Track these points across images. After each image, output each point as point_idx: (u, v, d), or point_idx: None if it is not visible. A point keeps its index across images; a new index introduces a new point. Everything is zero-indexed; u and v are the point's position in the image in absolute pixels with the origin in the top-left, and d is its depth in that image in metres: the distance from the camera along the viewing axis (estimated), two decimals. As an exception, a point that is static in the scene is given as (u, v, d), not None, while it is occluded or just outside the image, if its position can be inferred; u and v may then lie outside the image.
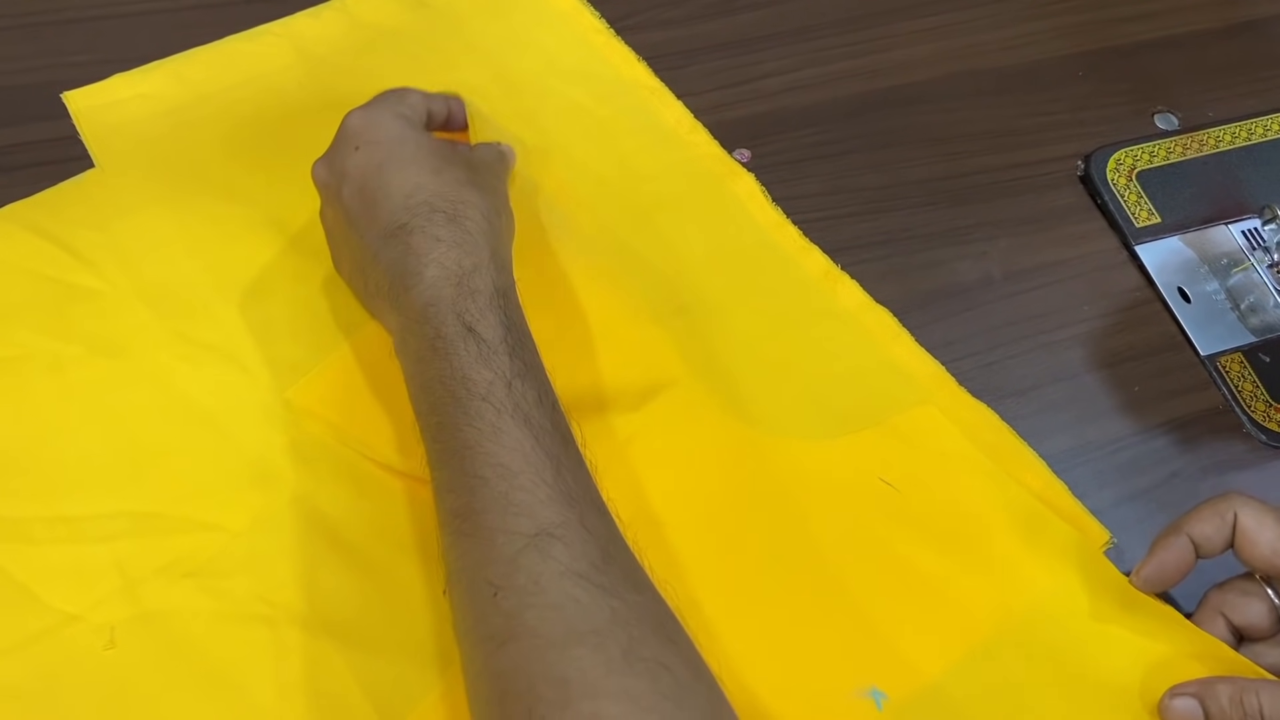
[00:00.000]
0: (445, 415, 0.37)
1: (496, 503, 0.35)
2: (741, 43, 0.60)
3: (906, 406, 0.48)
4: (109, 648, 0.38)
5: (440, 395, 0.37)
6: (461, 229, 0.40)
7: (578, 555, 0.34)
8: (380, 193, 0.41)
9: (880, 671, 0.41)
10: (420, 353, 0.39)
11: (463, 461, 0.36)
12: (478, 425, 0.36)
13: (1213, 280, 0.55)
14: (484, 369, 0.37)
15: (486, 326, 0.38)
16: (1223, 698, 0.38)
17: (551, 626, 0.32)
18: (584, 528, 0.35)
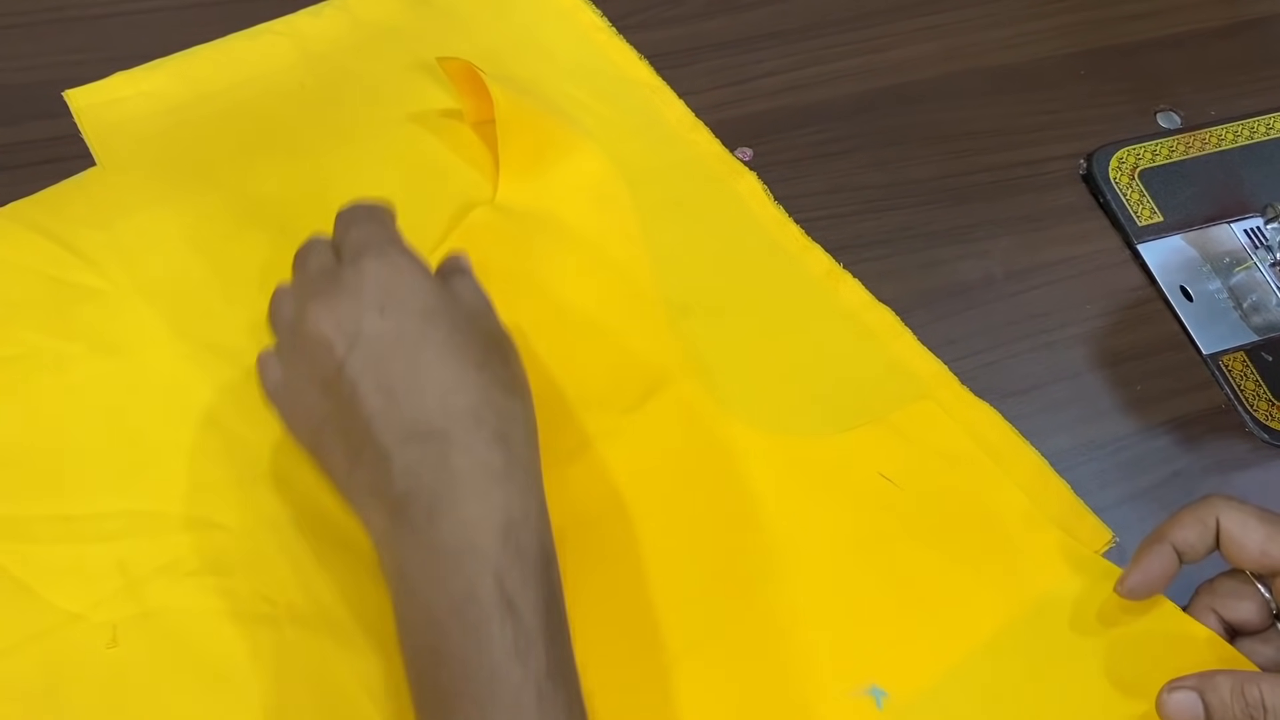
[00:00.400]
0: (454, 709, 0.31)
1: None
2: (743, 41, 0.59)
3: (907, 402, 0.48)
4: (111, 646, 0.38)
5: (456, 680, 0.31)
6: (510, 454, 0.34)
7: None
8: (409, 377, 0.34)
9: (881, 669, 0.41)
10: (437, 610, 0.32)
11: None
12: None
13: (1215, 279, 0.55)
14: (518, 665, 0.31)
15: (528, 603, 0.32)
16: (1223, 689, 0.37)
17: None
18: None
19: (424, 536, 0.33)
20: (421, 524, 0.33)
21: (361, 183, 0.51)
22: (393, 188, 0.50)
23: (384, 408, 0.34)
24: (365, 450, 0.35)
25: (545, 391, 0.45)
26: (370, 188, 0.50)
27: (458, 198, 0.51)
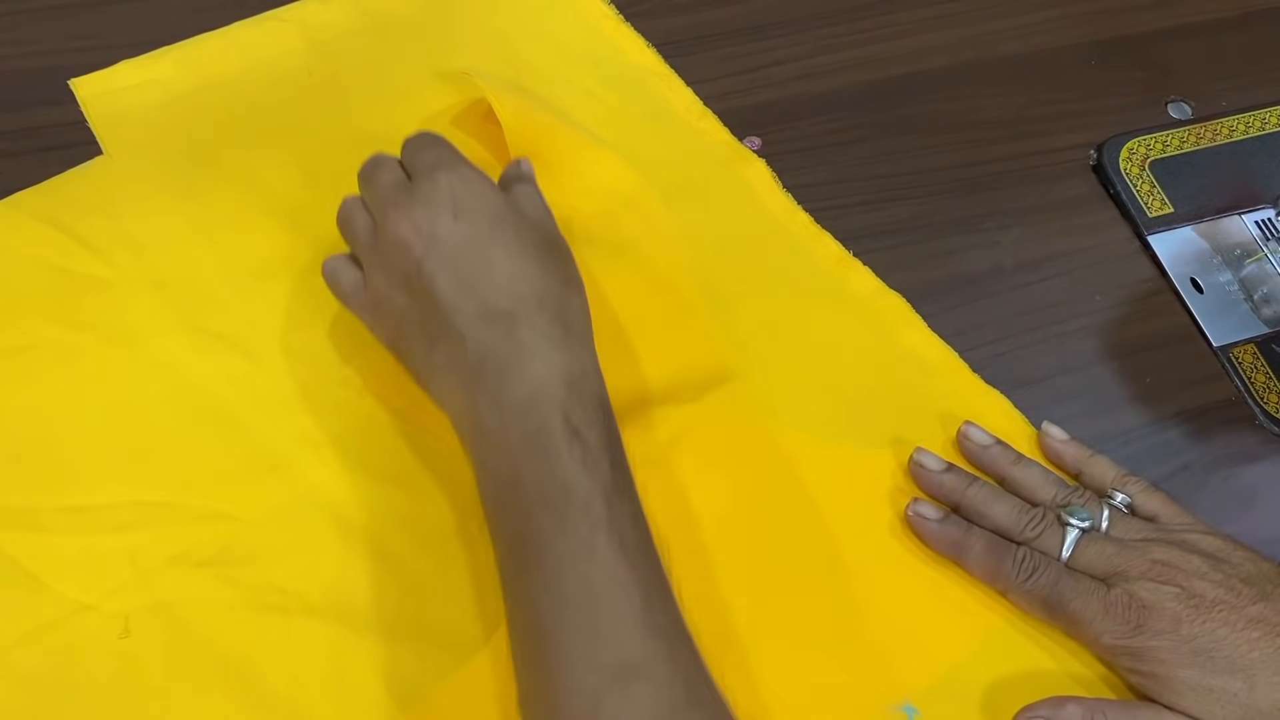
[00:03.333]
0: (535, 521, 0.35)
1: (581, 628, 0.34)
2: (752, 30, 0.59)
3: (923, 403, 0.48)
4: (123, 637, 0.38)
5: (533, 497, 0.36)
6: (569, 330, 0.39)
7: (663, 699, 0.33)
8: (481, 271, 0.39)
9: (914, 687, 0.41)
10: (511, 445, 0.37)
11: (547, 576, 0.35)
12: (570, 538, 0.35)
13: (1226, 271, 0.55)
14: (586, 477, 0.36)
15: (594, 432, 0.37)
16: (1074, 718, 0.39)
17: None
18: (671, 664, 0.34)
19: (498, 394, 0.38)
20: (494, 385, 0.38)
21: (369, 172, 0.50)
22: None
23: (459, 297, 0.39)
24: (443, 335, 0.40)
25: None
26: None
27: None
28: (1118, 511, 0.44)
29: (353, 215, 0.44)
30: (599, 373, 0.40)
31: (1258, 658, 0.38)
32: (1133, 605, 0.40)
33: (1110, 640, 0.40)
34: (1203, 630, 0.39)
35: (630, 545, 0.35)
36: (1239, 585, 0.40)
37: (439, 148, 0.43)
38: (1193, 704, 0.38)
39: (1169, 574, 0.40)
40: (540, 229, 0.42)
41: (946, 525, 0.43)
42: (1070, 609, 0.40)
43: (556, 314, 0.39)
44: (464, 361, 0.39)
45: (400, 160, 0.44)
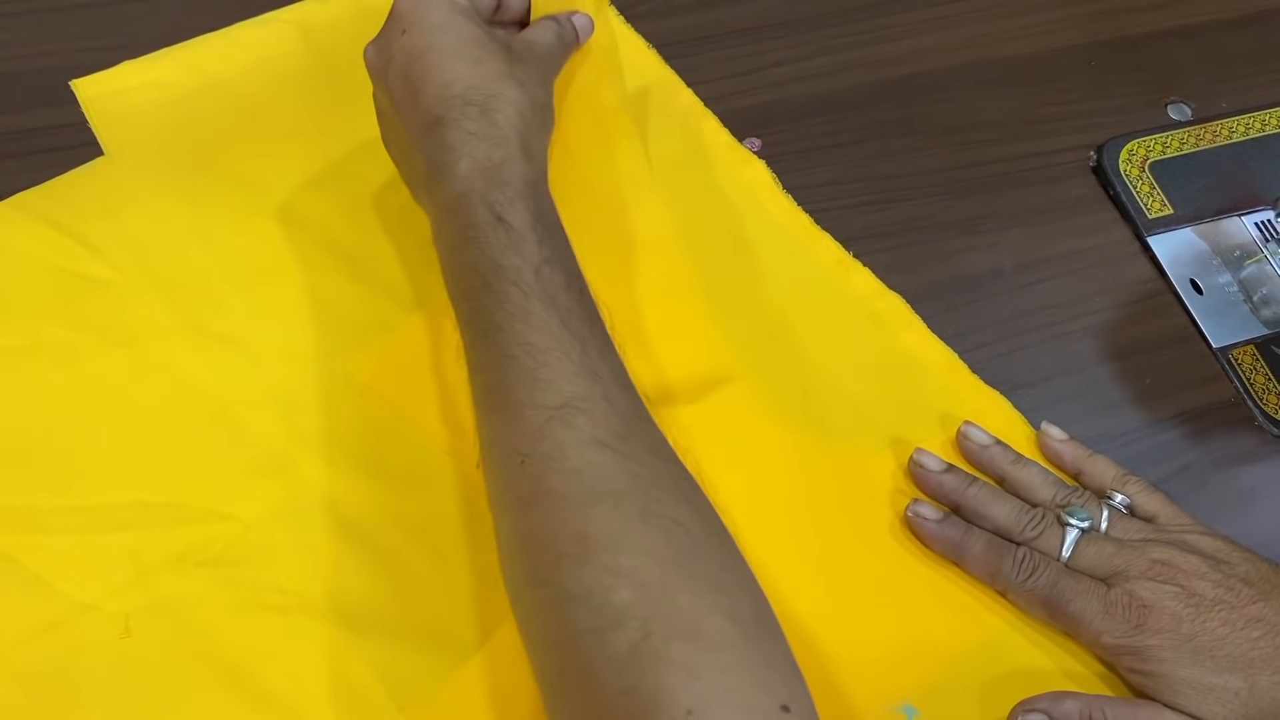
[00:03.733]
0: (477, 300, 0.39)
1: (524, 378, 0.36)
2: (752, 31, 0.59)
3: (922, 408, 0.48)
4: (124, 637, 0.38)
5: (472, 281, 0.39)
6: (492, 122, 0.41)
7: (600, 425, 0.35)
8: (421, 81, 0.42)
9: (914, 687, 0.41)
10: (453, 242, 0.40)
11: (493, 342, 0.37)
12: (507, 308, 0.37)
13: (1225, 272, 0.55)
14: (513, 255, 0.38)
15: (515, 215, 0.39)
16: (1072, 714, 0.39)
17: (573, 488, 0.34)
18: (606, 400, 0.36)
19: (440, 197, 0.41)
20: (436, 190, 0.41)
21: (371, 171, 0.51)
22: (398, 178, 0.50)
23: (409, 107, 0.42)
24: (407, 150, 0.44)
25: None
26: (380, 175, 0.50)
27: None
28: (1117, 512, 0.44)
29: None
30: (528, 157, 0.42)
31: (1257, 657, 0.39)
32: (1133, 605, 0.40)
33: (1110, 640, 0.40)
34: (1203, 629, 0.39)
35: (563, 307, 0.38)
36: (1239, 585, 0.40)
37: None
38: (1193, 703, 0.38)
39: (1169, 574, 0.40)
40: (491, 37, 0.43)
41: (946, 526, 0.43)
42: (1070, 609, 0.41)
43: (482, 109, 0.41)
44: (420, 172, 0.42)
45: None
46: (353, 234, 0.49)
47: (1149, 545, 0.42)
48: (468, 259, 0.39)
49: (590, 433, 0.35)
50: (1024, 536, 0.42)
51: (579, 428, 0.35)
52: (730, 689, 0.30)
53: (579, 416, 0.35)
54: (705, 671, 0.30)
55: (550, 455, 0.35)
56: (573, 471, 0.34)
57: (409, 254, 0.48)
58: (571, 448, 0.35)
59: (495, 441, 0.37)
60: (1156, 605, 0.40)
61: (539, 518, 0.34)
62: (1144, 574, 0.40)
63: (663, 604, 0.31)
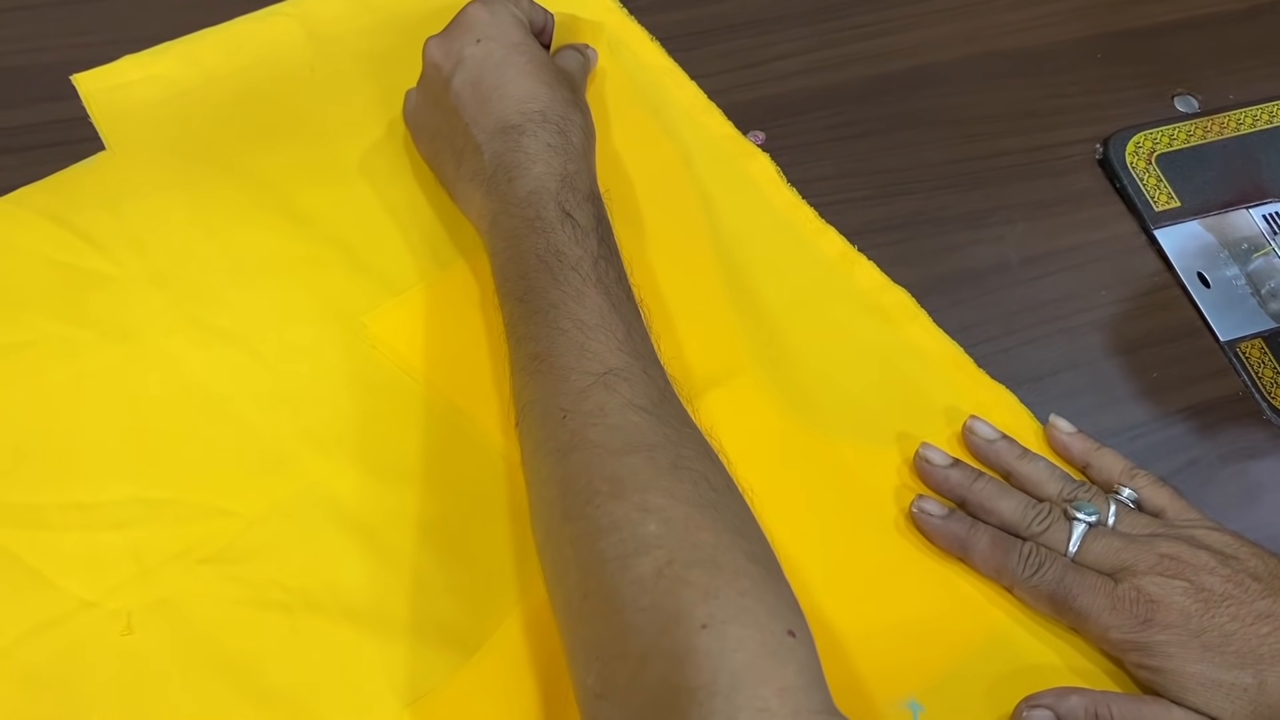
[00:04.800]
0: (535, 280, 0.41)
1: (572, 348, 0.39)
2: (755, 24, 0.59)
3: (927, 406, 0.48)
4: (126, 633, 0.38)
5: (532, 263, 0.41)
6: (567, 140, 0.45)
7: (639, 392, 0.38)
8: (496, 90, 0.45)
9: (919, 684, 0.41)
10: (516, 230, 0.43)
11: (546, 316, 0.40)
12: (564, 288, 0.40)
13: (1233, 265, 0.54)
14: (575, 247, 0.42)
15: (582, 215, 0.43)
16: (1078, 710, 0.39)
17: (611, 439, 0.36)
18: (646, 375, 0.39)
19: (508, 193, 0.44)
20: (504, 187, 0.44)
21: (372, 165, 0.50)
22: (402, 172, 0.50)
23: (478, 112, 0.46)
24: (467, 147, 0.46)
25: None
26: (380, 171, 0.50)
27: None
28: (1124, 506, 0.43)
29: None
30: (592, 173, 0.46)
31: (1266, 652, 0.38)
32: (1140, 600, 0.39)
33: (1118, 635, 0.40)
34: (1211, 625, 0.39)
35: (614, 295, 0.41)
36: (1247, 580, 0.40)
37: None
38: (1201, 699, 0.38)
39: (1177, 568, 0.40)
40: (558, 68, 0.48)
41: (951, 521, 0.43)
42: (1077, 604, 0.40)
43: (558, 128, 0.45)
44: (482, 170, 0.45)
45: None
46: (354, 228, 0.48)
47: (1157, 540, 0.41)
48: (530, 244, 0.42)
49: (629, 398, 0.38)
50: (1030, 532, 0.42)
51: (620, 392, 0.38)
52: (743, 609, 0.32)
53: (621, 383, 0.38)
54: (721, 593, 0.32)
55: (592, 413, 0.37)
56: (613, 427, 0.37)
57: (411, 247, 0.48)
58: (613, 408, 0.37)
59: (538, 400, 0.39)
60: (1164, 600, 0.39)
61: (578, 463, 0.36)
62: (1152, 569, 0.40)
63: (686, 537, 0.34)
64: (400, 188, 0.50)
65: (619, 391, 0.38)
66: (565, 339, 0.39)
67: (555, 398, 0.38)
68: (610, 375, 0.38)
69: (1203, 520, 0.43)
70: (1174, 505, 0.44)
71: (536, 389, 0.39)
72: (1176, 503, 0.44)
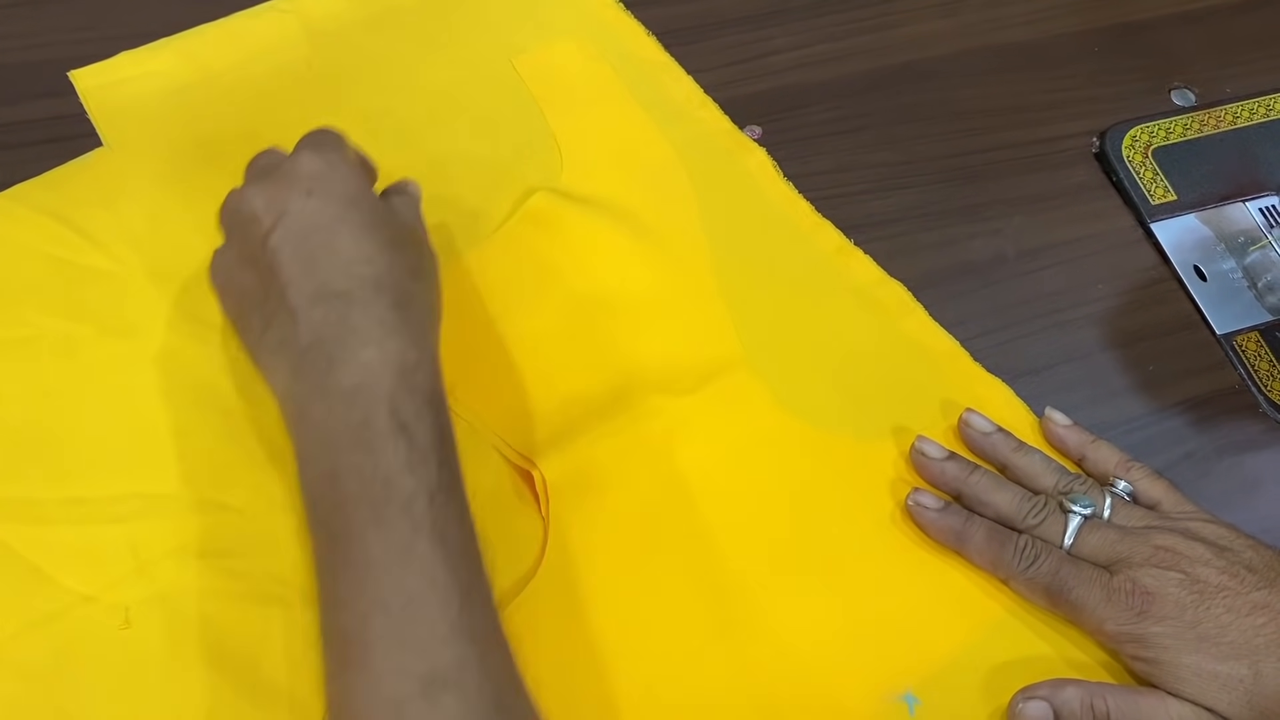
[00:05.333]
0: (351, 519, 0.34)
1: (392, 635, 0.32)
2: (753, 18, 0.59)
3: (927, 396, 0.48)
4: (124, 628, 0.38)
5: (352, 493, 0.34)
6: (406, 318, 0.38)
7: (470, 709, 0.32)
8: (323, 249, 0.38)
9: (915, 676, 0.41)
10: (333, 435, 0.35)
11: (363, 579, 0.33)
12: (388, 538, 0.33)
13: (1229, 258, 0.54)
14: (409, 475, 0.34)
15: (421, 428, 0.35)
16: (1073, 702, 0.39)
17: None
18: (482, 670, 0.33)
19: (325, 380, 0.36)
20: (323, 370, 0.36)
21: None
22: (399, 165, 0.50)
23: (298, 274, 0.38)
24: (278, 313, 0.38)
25: (607, 370, 0.46)
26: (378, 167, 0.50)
27: (468, 177, 0.51)
28: (1120, 499, 0.43)
29: (227, 201, 0.43)
30: (435, 365, 0.38)
31: (1262, 643, 0.38)
32: (1136, 592, 0.40)
33: (1113, 627, 0.40)
34: (1206, 616, 0.39)
35: (453, 546, 0.34)
36: (1242, 572, 0.40)
37: (319, 135, 0.42)
38: (1196, 690, 0.38)
39: (1172, 560, 0.40)
40: (400, 223, 0.41)
41: (947, 515, 0.43)
42: (1073, 596, 0.40)
43: (395, 300, 0.37)
44: (295, 343, 0.37)
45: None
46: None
47: (1152, 532, 0.41)
48: (350, 463, 0.34)
49: (457, 714, 0.31)
50: (1026, 524, 0.42)
51: (444, 709, 0.31)
52: None
53: (448, 696, 0.32)
54: None
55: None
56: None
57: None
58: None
59: (345, 707, 0.33)
60: (1160, 592, 0.39)
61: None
62: (1147, 561, 0.40)
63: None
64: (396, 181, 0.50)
65: (444, 711, 0.31)
66: (383, 619, 0.32)
67: (366, 708, 0.32)
68: (435, 684, 0.31)
69: (1198, 513, 0.43)
70: (1169, 498, 0.44)
71: (345, 687, 0.33)
72: (1172, 495, 0.44)
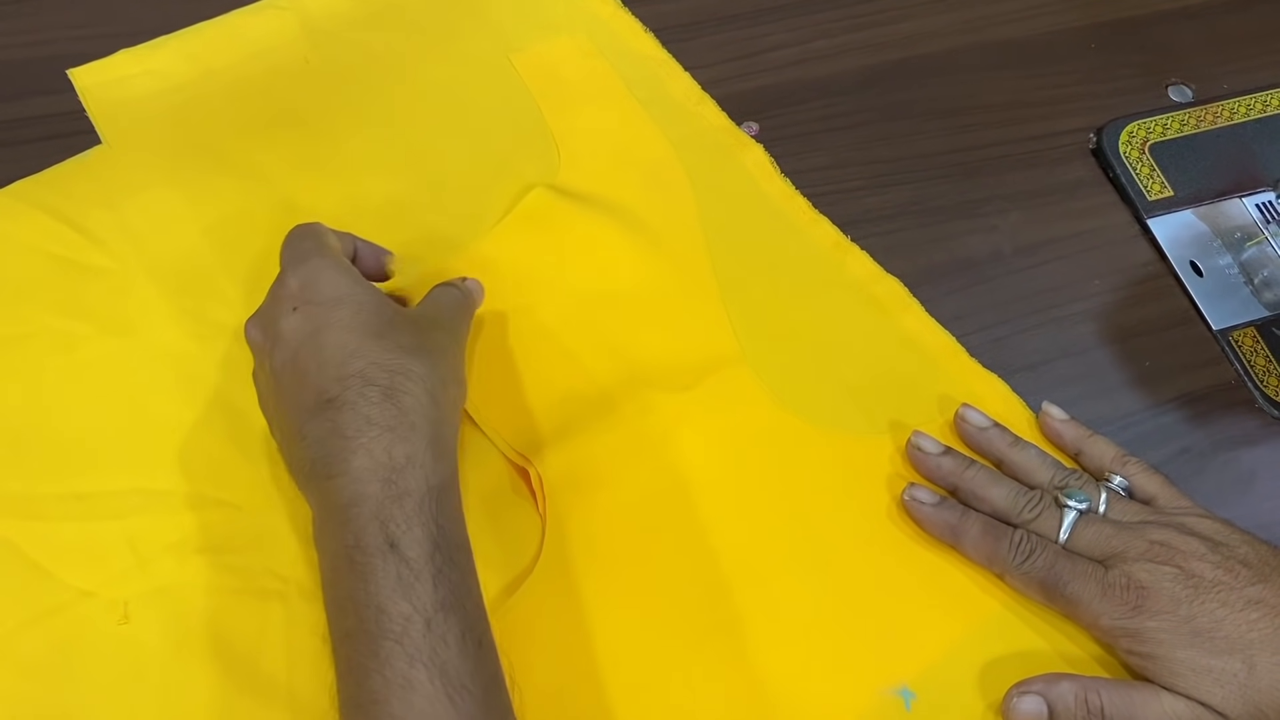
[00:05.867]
0: (354, 650, 0.33)
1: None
2: (750, 15, 0.59)
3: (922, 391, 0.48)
4: (122, 623, 0.38)
5: (352, 623, 0.33)
6: (397, 407, 0.36)
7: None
8: (313, 360, 0.37)
9: (911, 671, 0.41)
10: (335, 561, 0.35)
11: (366, 715, 0.32)
12: (386, 674, 0.32)
13: (1226, 254, 0.54)
14: (401, 600, 0.33)
15: (411, 541, 0.34)
16: (1068, 696, 0.39)
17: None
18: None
19: (326, 498, 0.36)
20: (324, 489, 0.36)
21: (369, 159, 0.51)
22: (398, 165, 0.51)
23: (297, 391, 0.37)
24: (291, 435, 0.38)
25: (604, 366, 0.46)
26: (375, 163, 0.50)
27: (466, 173, 0.51)
28: (1115, 494, 0.44)
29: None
30: (432, 456, 0.36)
31: (1256, 638, 0.38)
32: (1131, 586, 0.40)
33: (1109, 622, 0.40)
34: (1201, 611, 0.39)
35: (452, 674, 0.32)
36: (1237, 567, 0.40)
37: (299, 241, 0.41)
38: (1191, 684, 0.38)
39: (1167, 555, 0.40)
40: (393, 307, 0.40)
41: (942, 509, 0.43)
42: (1068, 591, 0.40)
43: (385, 390, 0.36)
44: (305, 462, 0.36)
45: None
46: (349, 221, 0.48)
47: (1147, 527, 0.42)
48: (347, 590, 0.34)
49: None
50: (1021, 519, 0.42)
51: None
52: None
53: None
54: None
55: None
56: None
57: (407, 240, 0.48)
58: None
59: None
60: (1154, 587, 0.39)
61: None
62: (1142, 555, 0.40)
63: None
64: (396, 180, 0.50)
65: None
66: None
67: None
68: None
69: (1193, 508, 0.43)
70: (1165, 493, 0.44)
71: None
72: (1167, 490, 0.44)
